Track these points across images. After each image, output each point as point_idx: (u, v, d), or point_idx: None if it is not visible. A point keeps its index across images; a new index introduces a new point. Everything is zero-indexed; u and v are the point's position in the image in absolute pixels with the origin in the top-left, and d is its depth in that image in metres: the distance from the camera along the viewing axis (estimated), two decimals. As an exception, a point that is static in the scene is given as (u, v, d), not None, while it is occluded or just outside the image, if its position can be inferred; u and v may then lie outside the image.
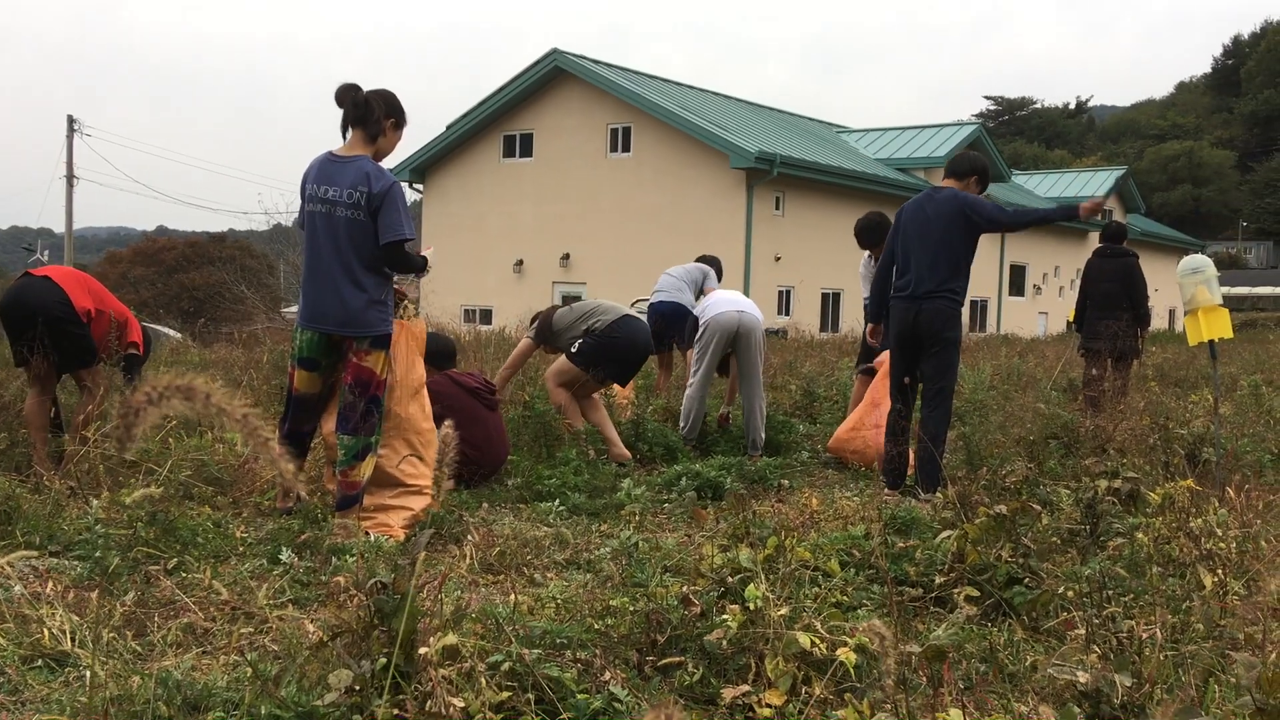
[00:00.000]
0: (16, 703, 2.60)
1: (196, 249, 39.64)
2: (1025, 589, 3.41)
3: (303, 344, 4.46)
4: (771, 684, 2.65)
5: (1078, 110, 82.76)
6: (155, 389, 1.28)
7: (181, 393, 1.26)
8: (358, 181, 4.32)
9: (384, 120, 4.44)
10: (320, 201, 4.35)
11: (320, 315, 4.39)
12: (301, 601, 3.46)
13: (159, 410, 1.26)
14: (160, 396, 1.27)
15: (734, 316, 6.74)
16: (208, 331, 15.88)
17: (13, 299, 5.24)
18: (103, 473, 4.64)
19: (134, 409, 1.24)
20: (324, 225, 4.35)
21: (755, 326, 6.82)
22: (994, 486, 4.37)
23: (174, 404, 1.26)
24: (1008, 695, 2.71)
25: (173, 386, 1.27)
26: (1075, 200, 6.04)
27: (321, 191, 4.35)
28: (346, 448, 4.38)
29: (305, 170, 4.48)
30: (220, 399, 1.29)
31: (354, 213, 4.32)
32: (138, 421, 1.26)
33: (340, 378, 4.50)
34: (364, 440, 4.40)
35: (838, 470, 6.59)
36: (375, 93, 4.44)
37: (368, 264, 4.37)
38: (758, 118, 29.03)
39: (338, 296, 4.34)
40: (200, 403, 1.27)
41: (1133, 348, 8.50)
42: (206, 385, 1.28)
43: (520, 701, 2.45)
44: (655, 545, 4.07)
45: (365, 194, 4.30)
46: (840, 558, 3.69)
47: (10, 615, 3.02)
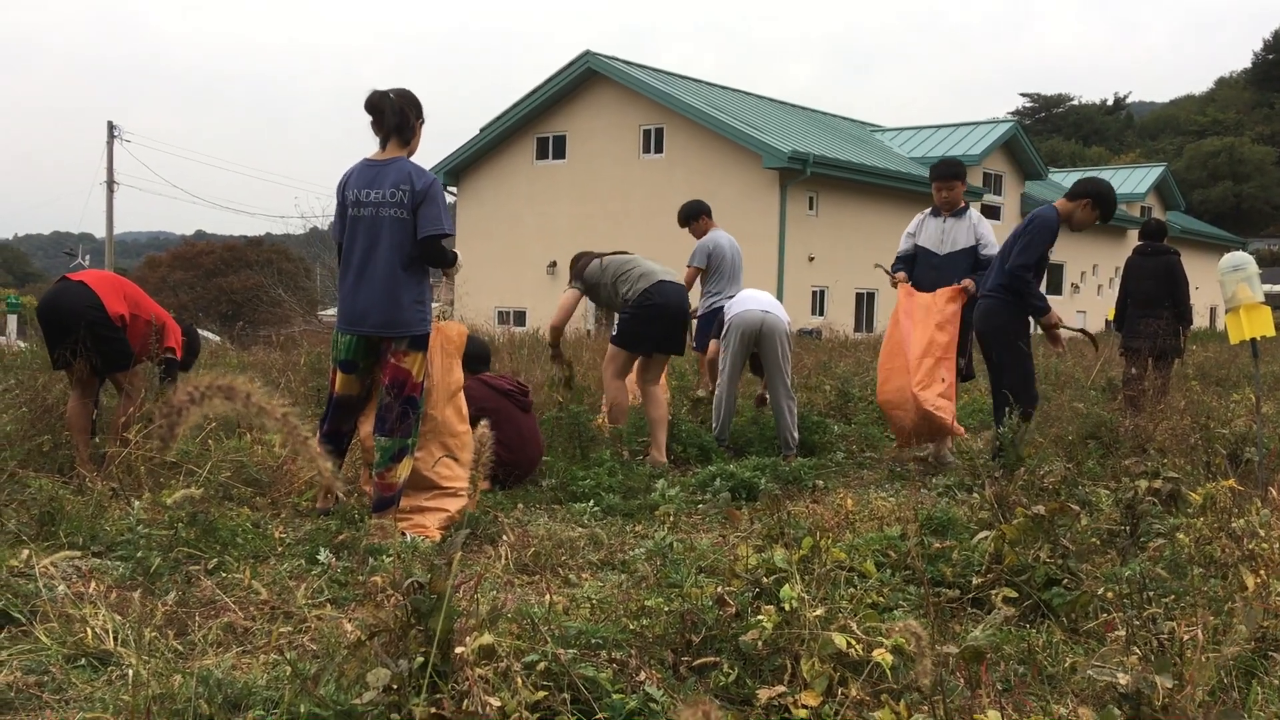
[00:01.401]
0: (61, 701, 2.64)
1: (234, 253, 40.07)
2: (1064, 590, 3.38)
3: (342, 347, 4.53)
4: (807, 685, 2.64)
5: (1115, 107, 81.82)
6: (197, 388, 1.30)
7: (223, 392, 1.28)
8: (400, 180, 4.39)
9: (415, 122, 4.54)
10: (363, 205, 4.42)
11: (360, 318, 4.45)
12: (339, 601, 3.48)
13: (201, 409, 1.28)
14: (202, 396, 1.29)
15: (757, 316, 6.72)
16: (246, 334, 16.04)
17: (48, 304, 5.32)
18: (144, 474, 4.70)
19: (176, 408, 1.26)
20: (366, 228, 4.42)
21: (778, 326, 6.79)
22: (1032, 487, 4.33)
23: (215, 403, 1.28)
24: (1047, 697, 2.69)
25: (214, 386, 1.29)
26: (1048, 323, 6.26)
27: (364, 195, 4.42)
28: (384, 449, 4.43)
29: (342, 178, 4.55)
30: (260, 398, 1.31)
31: (398, 211, 4.39)
32: (180, 420, 1.28)
33: (378, 379, 4.55)
34: (401, 442, 4.44)
35: (873, 470, 6.56)
36: (402, 98, 4.51)
37: (409, 264, 4.43)
38: (790, 117, 28.95)
39: (380, 298, 4.40)
40: (241, 402, 1.29)
41: (1174, 346, 8.40)
42: (247, 385, 1.30)
43: (556, 701, 2.45)
44: (690, 546, 4.07)
45: (409, 191, 4.38)
46: (876, 558, 3.68)
47: (54, 615, 3.07)
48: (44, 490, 4.16)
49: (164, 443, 1.27)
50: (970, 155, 29.28)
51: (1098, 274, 36.01)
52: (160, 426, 1.27)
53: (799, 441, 6.85)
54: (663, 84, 25.81)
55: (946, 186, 6.76)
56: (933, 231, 6.80)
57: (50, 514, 4.03)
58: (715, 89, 28.79)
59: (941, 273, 6.66)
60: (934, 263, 6.72)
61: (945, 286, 6.58)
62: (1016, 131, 31.38)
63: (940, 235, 6.76)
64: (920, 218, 6.94)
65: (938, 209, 6.84)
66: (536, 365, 9.57)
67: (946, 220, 6.78)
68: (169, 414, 1.27)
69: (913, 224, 6.97)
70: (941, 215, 6.80)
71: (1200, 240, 39.35)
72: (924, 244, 6.79)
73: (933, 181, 6.84)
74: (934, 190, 6.83)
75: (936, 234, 6.78)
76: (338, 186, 4.58)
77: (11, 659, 2.84)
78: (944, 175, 6.78)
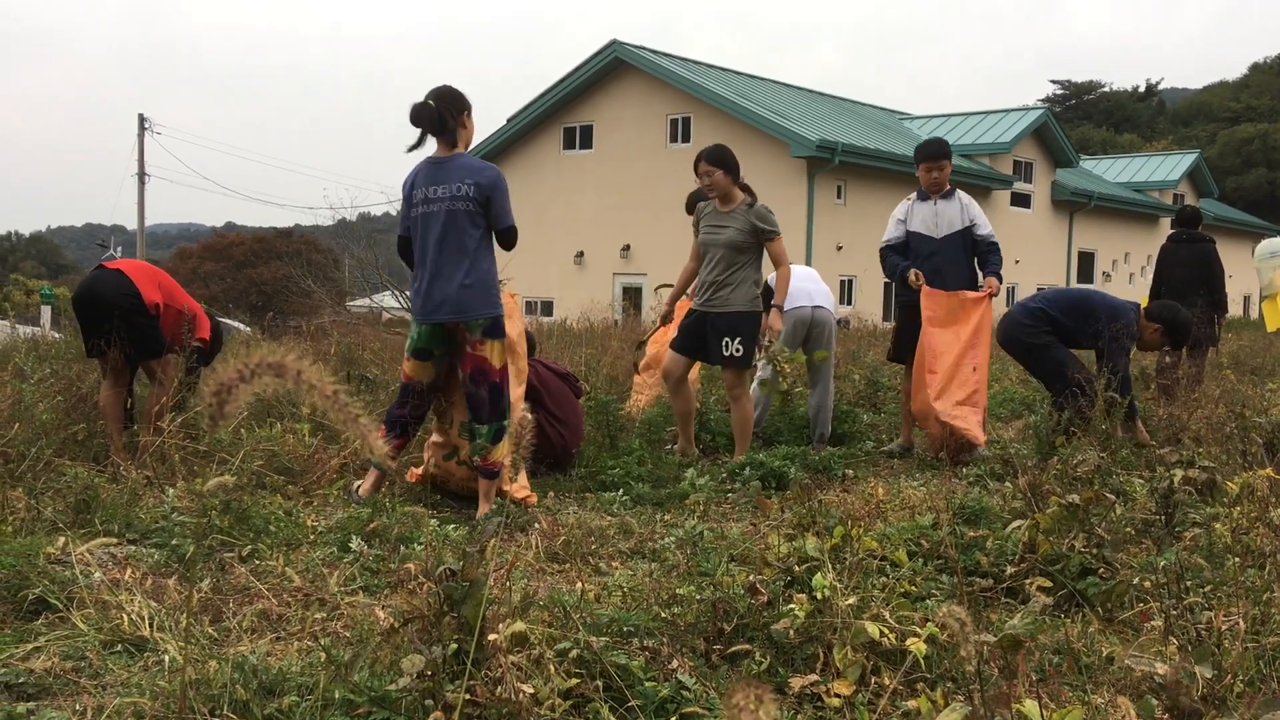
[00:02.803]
0: (98, 686, 2.67)
1: (264, 244, 40.32)
2: (1099, 580, 3.35)
3: (419, 335, 4.75)
4: (840, 674, 2.63)
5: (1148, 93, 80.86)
6: (247, 365, 1.30)
7: (273, 369, 1.28)
8: (465, 175, 4.62)
9: (458, 119, 4.68)
10: (430, 202, 4.64)
11: (435, 307, 4.66)
12: (371, 589, 3.50)
13: (251, 387, 1.28)
14: (252, 373, 1.29)
15: (807, 313, 6.67)
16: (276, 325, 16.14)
17: (85, 291, 5.37)
18: (177, 462, 4.75)
19: (227, 386, 1.26)
20: (435, 222, 4.63)
21: (827, 320, 6.74)
22: (1065, 476, 4.29)
23: (265, 380, 1.28)
24: (1084, 687, 2.66)
25: (264, 363, 1.29)
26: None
27: (431, 193, 4.64)
28: (483, 435, 4.69)
29: (408, 178, 4.76)
30: (310, 375, 1.31)
31: (464, 204, 4.61)
32: (230, 399, 1.28)
33: (456, 371, 4.80)
34: (497, 425, 4.73)
35: (903, 460, 6.52)
36: (440, 100, 4.64)
37: (476, 252, 4.66)
38: (818, 105, 28.80)
39: (453, 287, 4.62)
40: (291, 379, 1.29)
41: (1209, 334, 8.31)
42: (297, 362, 1.30)
43: (588, 689, 2.45)
44: (720, 535, 4.06)
45: (474, 184, 4.61)
46: (908, 547, 3.65)
47: (91, 601, 3.10)
48: (79, 478, 4.20)
49: (213, 421, 1.27)
50: (1001, 143, 29.02)
51: (1129, 262, 35.65)
52: (210, 405, 1.28)
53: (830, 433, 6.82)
54: (690, 73, 25.73)
55: (936, 167, 6.62)
56: (925, 215, 6.64)
57: (86, 502, 4.07)
58: (742, 77, 28.67)
59: (940, 257, 6.55)
60: (931, 247, 6.57)
61: (947, 270, 6.50)
62: (1047, 118, 31.07)
63: (934, 218, 6.62)
64: (908, 203, 6.75)
65: (925, 192, 6.70)
66: (565, 354, 9.58)
67: (937, 203, 6.64)
68: (219, 392, 1.27)
69: (900, 209, 6.77)
70: (931, 198, 6.67)
71: (1234, 228, 38.88)
72: (917, 229, 6.63)
73: (921, 163, 6.67)
74: (922, 172, 6.66)
75: (929, 217, 6.63)
76: (404, 185, 4.78)
77: (49, 645, 2.87)
78: (934, 155, 6.63)
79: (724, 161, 5.99)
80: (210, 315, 6.07)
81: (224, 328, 6.81)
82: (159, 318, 5.38)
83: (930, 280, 6.49)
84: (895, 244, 6.71)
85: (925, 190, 6.70)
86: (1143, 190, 37.12)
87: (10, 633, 3.00)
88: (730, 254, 5.98)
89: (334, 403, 1.38)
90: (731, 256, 5.98)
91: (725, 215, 6.04)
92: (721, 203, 6.06)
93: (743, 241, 5.98)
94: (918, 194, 6.75)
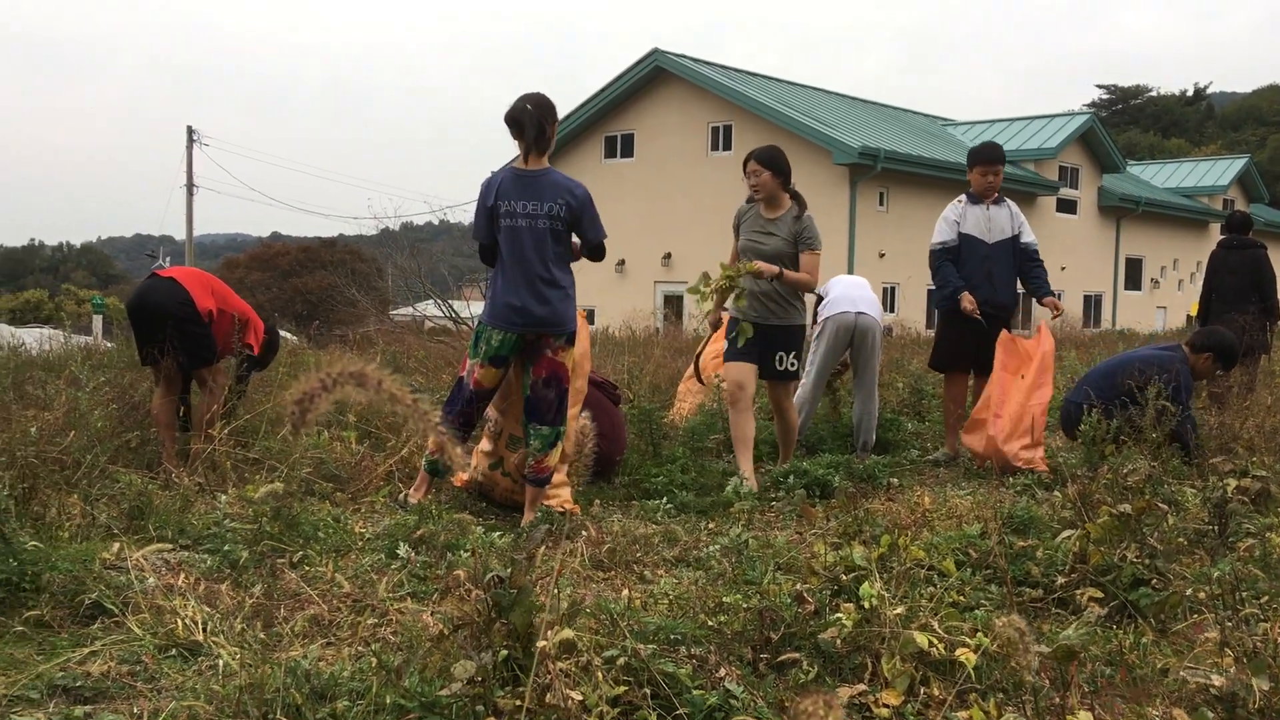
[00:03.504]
0: (154, 690, 2.71)
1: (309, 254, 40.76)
2: (1152, 590, 3.30)
3: (498, 343, 4.79)
4: (888, 684, 2.61)
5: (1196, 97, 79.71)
6: (330, 375, 1.32)
7: (354, 378, 1.30)
8: (559, 194, 4.75)
9: (551, 128, 4.81)
10: (521, 216, 4.73)
11: (520, 316, 4.75)
12: (419, 595, 3.53)
13: (333, 396, 1.31)
14: (334, 382, 1.31)
15: (850, 318, 6.62)
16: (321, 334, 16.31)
17: (138, 299, 5.46)
18: (229, 469, 4.81)
19: (309, 394, 1.29)
20: (526, 236, 4.73)
21: (872, 327, 6.69)
22: (1115, 485, 4.24)
23: (347, 390, 1.30)
24: (1139, 699, 2.63)
25: (346, 373, 1.31)
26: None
27: (521, 207, 4.73)
28: (544, 438, 4.78)
29: (489, 183, 4.81)
30: (391, 385, 1.33)
31: (554, 223, 4.75)
32: (313, 406, 1.30)
33: (518, 373, 4.89)
34: (556, 430, 4.81)
35: (948, 468, 6.47)
36: (539, 107, 4.76)
37: (564, 266, 4.83)
38: (860, 112, 28.68)
39: (541, 298, 4.74)
40: (373, 389, 1.31)
41: (1261, 342, 8.16)
42: (378, 372, 1.32)
43: (636, 696, 2.46)
44: (765, 543, 4.05)
45: (566, 205, 4.74)
46: (956, 557, 3.63)
47: (146, 606, 3.15)
48: (133, 485, 4.28)
49: (295, 429, 1.30)
50: (1046, 148, 28.73)
51: (1178, 269, 35.14)
52: (292, 413, 1.30)
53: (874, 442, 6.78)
54: (731, 81, 25.72)
55: (992, 171, 6.59)
56: (978, 219, 6.58)
57: (139, 508, 4.14)
58: (784, 85, 28.62)
59: (992, 262, 6.52)
60: (983, 252, 6.53)
61: (997, 275, 6.48)
62: (1094, 123, 30.72)
63: (986, 223, 6.57)
64: (960, 205, 6.68)
65: (976, 196, 6.64)
66: (608, 363, 9.60)
67: (990, 208, 6.61)
68: (302, 400, 1.30)
69: (953, 211, 6.69)
70: (983, 202, 6.62)
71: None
72: (970, 232, 6.57)
73: (975, 166, 6.62)
74: (976, 175, 6.61)
75: (982, 221, 6.58)
76: (483, 191, 4.83)
77: (106, 649, 2.92)
78: (991, 159, 6.59)
79: (774, 163, 5.75)
80: (268, 322, 6.14)
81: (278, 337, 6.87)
82: (212, 325, 5.46)
83: (981, 285, 6.46)
84: (949, 246, 6.64)
85: (978, 194, 6.65)
86: (1191, 196, 36.58)
87: (67, 637, 3.06)
88: (782, 264, 5.68)
89: (414, 411, 1.40)
90: (783, 267, 5.67)
91: (771, 222, 5.77)
92: (767, 207, 5.78)
93: (790, 253, 5.73)
94: (968, 197, 6.70)
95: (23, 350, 8.78)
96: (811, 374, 6.73)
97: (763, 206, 5.82)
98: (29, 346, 9.19)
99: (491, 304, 4.84)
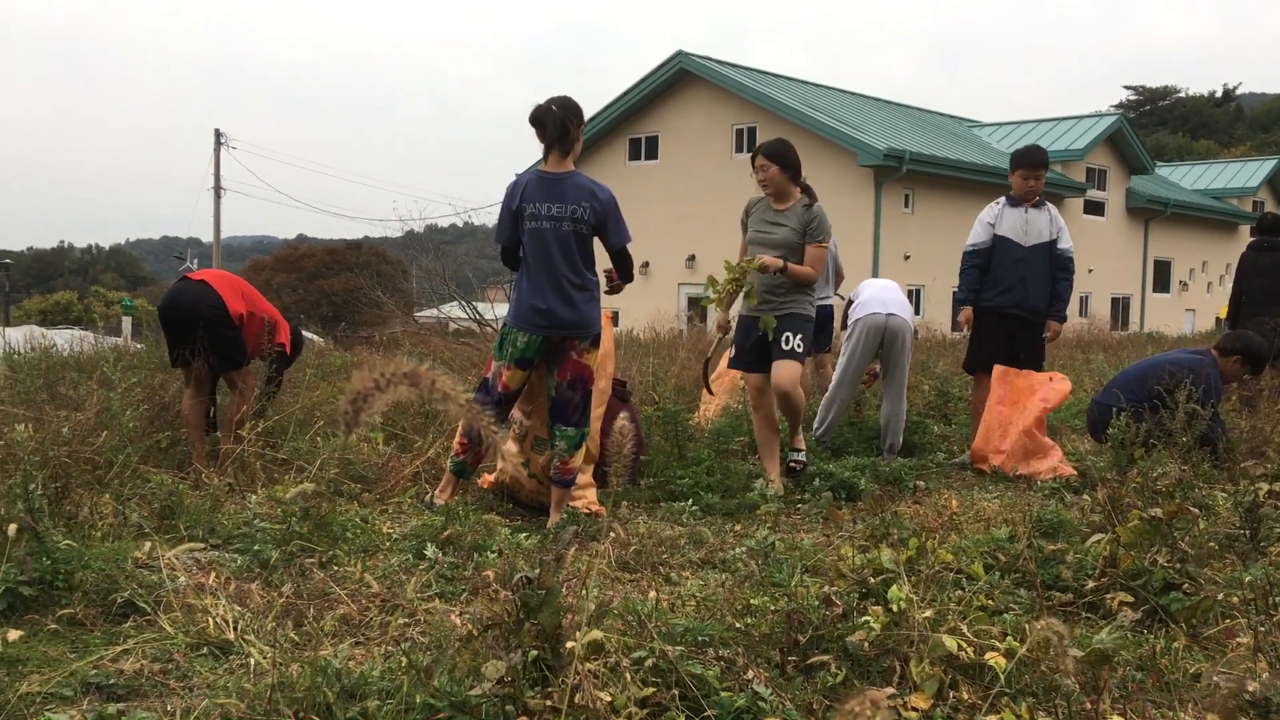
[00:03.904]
0: (186, 688, 2.73)
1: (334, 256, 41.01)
2: (1183, 595, 3.28)
3: (523, 345, 4.79)
4: (917, 687, 2.60)
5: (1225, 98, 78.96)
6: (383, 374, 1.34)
7: (408, 378, 1.31)
8: (582, 197, 4.74)
9: (576, 130, 4.80)
10: (545, 219, 4.73)
11: (545, 319, 4.75)
12: (447, 595, 3.54)
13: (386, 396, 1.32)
14: (388, 382, 1.32)
15: (881, 319, 6.61)
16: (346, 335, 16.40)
17: (170, 301, 5.51)
18: (258, 469, 4.85)
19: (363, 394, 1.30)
20: (550, 239, 4.73)
21: (903, 329, 6.67)
22: (1145, 489, 4.21)
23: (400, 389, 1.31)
24: (1173, 704, 2.61)
25: (399, 373, 1.32)
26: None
27: (545, 209, 4.73)
28: (569, 439, 4.80)
29: (514, 186, 4.83)
30: (444, 385, 1.34)
31: (578, 226, 4.74)
32: (366, 406, 1.32)
33: (541, 376, 4.91)
34: (581, 432, 4.83)
35: (975, 473, 6.44)
36: (564, 109, 4.76)
37: (588, 269, 4.81)
38: (885, 114, 28.57)
39: (569, 302, 4.74)
40: (425, 388, 1.32)
41: (1292, 345, 8.07)
42: (431, 372, 1.33)
43: (664, 697, 2.46)
44: (792, 545, 4.05)
45: (590, 208, 4.73)
46: (984, 560, 3.61)
47: (177, 605, 3.18)
48: (164, 485, 4.31)
49: (348, 429, 1.31)
50: (1073, 150, 28.54)
51: (1207, 271, 34.82)
52: (345, 413, 1.31)
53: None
54: (755, 83, 25.69)
55: (1035, 175, 6.56)
56: (1015, 221, 6.56)
57: (170, 508, 4.18)
58: (808, 87, 28.55)
59: (1027, 265, 6.49)
60: (1018, 255, 6.50)
61: (1030, 279, 6.47)
62: (1121, 124, 30.49)
63: (1024, 226, 6.54)
64: (998, 207, 6.65)
65: (1016, 199, 6.61)
66: (633, 365, 9.61)
67: (1028, 211, 6.58)
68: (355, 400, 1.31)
69: (989, 213, 6.66)
70: (1022, 205, 6.59)
71: (1317, 235, 37.72)
72: (1005, 234, 6.54)
73: (1020, 168, 6.58)
74: (1018, 179, 6.58)
75: (1019, 224, 6.55)
76: (508, 193, 4.85)
77: (138, 647, 2.95)
78: (1036, 163, 6.57)
79: (781, 157, 5.62)
80: (291, 324, 6.19)
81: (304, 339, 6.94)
82: (243, 328, 5.51)
83: (1013, 288, 6.45)
84: (981, 249, 6.61)
85: (1018, 197, 6.63)
86: (1220, 197, 36.24)
87: (100, 635, 3.09)
88: (786, 256, 5.60)
89: (468, 411, 1.41)
90: (787, 259, 5.59)
91: (780, 214, 5.65)
92: (776, 200, 5.69)
93: (798, 244, 5.60)
94: (1007, 199, 6.67)
95: (54, 351, 8.87)
96: (843, 375, 6.70)
97: (772, 199, 5.74)
98: (60, 348, 9.28)
99: (516, 306, 4.84)
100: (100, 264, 77.21)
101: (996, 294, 6.54)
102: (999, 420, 6.37)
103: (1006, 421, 6.36)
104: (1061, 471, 6.05)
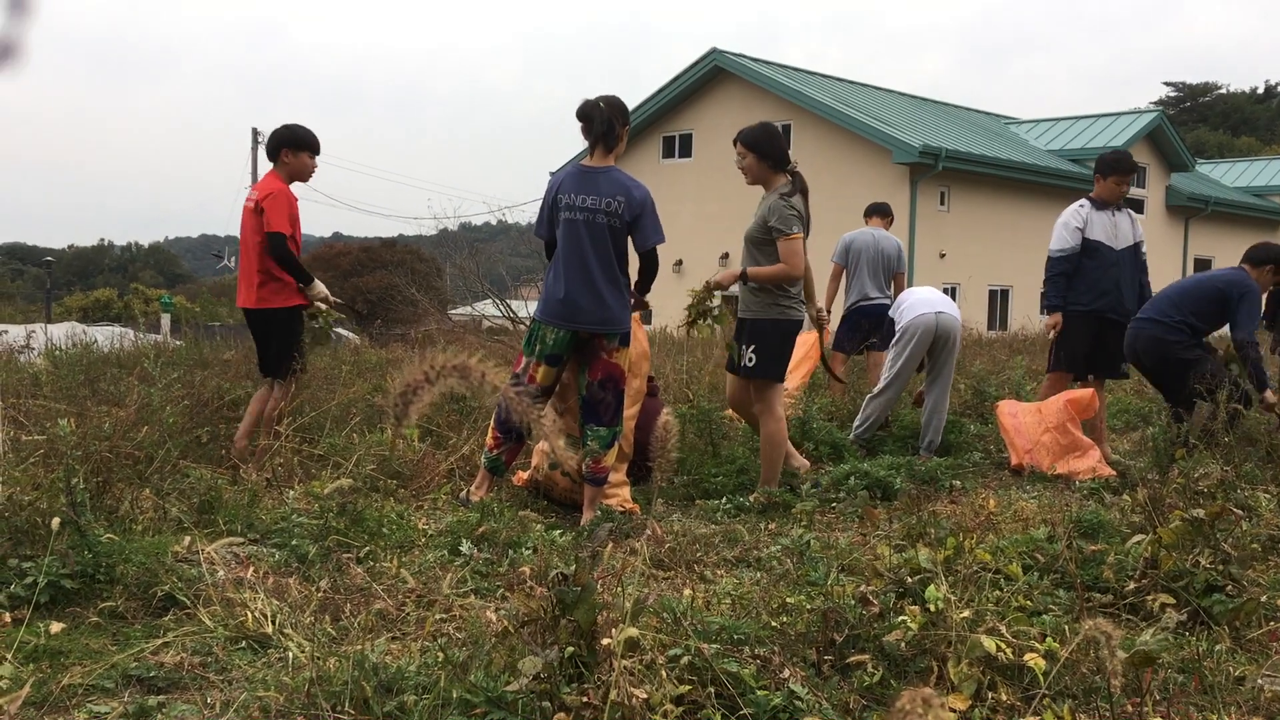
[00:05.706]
0: (225, 680, 2.76)
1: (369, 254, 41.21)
2: (1226, 597, 3.23)
3: (553, 341, 4.77)
4: (955, 688, 2.58)
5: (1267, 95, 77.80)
6: (433, 368, 1.34)
7: (458, 371, 1.31)
8: (616, 191, 4.70)
9: (621, 130, 4.79)
10: (580, 210, 4.69)
11: (575, 315, 4.73)
12: (482, 591, 3.56)
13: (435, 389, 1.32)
14: (438, 375, 1.32)
15: (931, 318, 6.56)
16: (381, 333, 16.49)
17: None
18: (295, 465, 4.88)
19: (412, 387, 1.31)
20: (585, 231, 4.70)
21: (953, 327, 6.63)
22: (1187, 489, 4.16)
23: (450, 382, 1.32)
24: (1216, 708, 2.57)
25: (449, 366, 1.33)
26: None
27: (580, 200, 4.70)
28: (601, 438, 4.78)
29: (554, 181, 4.83)
30: (494, 377, 1.34)
31: (612, 220, 4.69)
32: (416, 399, 1.32)
33: (575, 374, 4.89)
34: (613, 431, 4.82)
35: (1013, 473, 6.38)
36: (611, 107, 4.77)
37: (621, 266, 4.77)
38: (921, 111, 28.38)
39: (598, 297, 4.70)
40: (476, 380, 1.32)
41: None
42: (481, 364, 1.34)
43: (700, 695, 2.46)
44: (827, 544, 4.03)
45: (624, 203, 4.69)
46: (1022, 561, 3.57)
47: (216, 598, 3.21)
48: (203, 480, 4.36)
49: (398, 421, 1.32)
50: (1112, 147, 28.21)
51: (1248, 269, 34.31)
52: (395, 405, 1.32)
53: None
54: (790, 80, 25.59)
55: (1127, 180, 6.56)
56: (1105, 225, 6.50)
57: (209, 502, 4.22)
58: (843, 84, 28.41)
59: (1119, 269, 6.48)
60: (1113, 258, 6.47)
61: (1124, 282, 6.47)
62: (1161, 121, 30.11)
63: (1113, 229, 6.52)
64: (1084, 211, 6.54)
65: (1101, 201, 6.56)
66: (667, 362, 9.61)
67: (1115, 214, 6.56)
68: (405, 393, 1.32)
69: (1076, 217, 6.53)
70: (1108, 208, 6.55)
71: (1362, 233, 37.14)
72: (1098, 238, 6.47)
73: (1113, 174, 6.52)
74: (1111, 184, 6.52)
75: (1109, 227, 6.51)
76: (548, 188, 4.83)
77: (178, 640, 2.98)
78: (1131, 169, 6.60)
79: (757, 145, 5.26)
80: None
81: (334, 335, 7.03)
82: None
83: (1108, 292, 6.46)
84: (1070, 255, 6.50)
85: (1105, 200, 6.58)
86: (1263, 195, 35.72)
87: (141, 628, 3.13)
88: (749, 250, 5.28)
89: (517, 404, 1.41)
90: (750, 253, 5.27)
91: (758, 205, 5.32)
92: (766, 190, 5.35)
93: (759, 238, 5.22)
94: (1091, 202, 6.60)
95: (95, 348, 8.99)
96: (893, 377, 6.64)
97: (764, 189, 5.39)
98: (100, 344, 9.40)
99: (545, 300, 4.81)
100: (139, 262, 78.10)
101: (1092, 298, 6.46)
102: (1024, 446, 6.41)
103: (1031, 423, 6.36)
104: (1100, 472, 5.99)
